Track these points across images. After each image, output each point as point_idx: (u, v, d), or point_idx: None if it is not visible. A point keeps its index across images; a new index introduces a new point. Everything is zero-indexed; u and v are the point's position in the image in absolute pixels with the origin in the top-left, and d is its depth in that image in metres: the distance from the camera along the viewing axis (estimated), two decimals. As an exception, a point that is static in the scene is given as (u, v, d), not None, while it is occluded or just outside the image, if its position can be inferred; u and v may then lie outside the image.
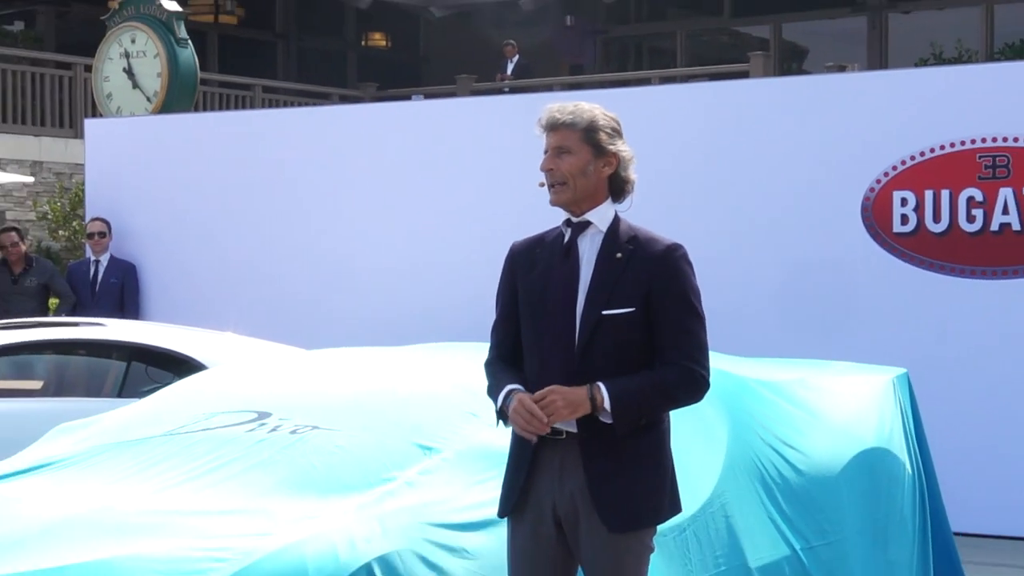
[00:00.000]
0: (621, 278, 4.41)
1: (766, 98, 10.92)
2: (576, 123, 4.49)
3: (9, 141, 21.59)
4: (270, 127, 13.15)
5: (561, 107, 4.53)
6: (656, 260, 4.45)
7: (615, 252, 4.45)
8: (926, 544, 7.34)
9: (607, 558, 4.38)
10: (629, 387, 4.33)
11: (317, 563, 4.63)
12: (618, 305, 4.38)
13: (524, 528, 4.50)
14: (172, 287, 13.02)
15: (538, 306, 4.46)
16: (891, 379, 7.50)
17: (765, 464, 6.47)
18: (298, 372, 6.73)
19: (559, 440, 4.42)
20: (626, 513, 4.39)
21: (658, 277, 4.43)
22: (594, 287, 4.42)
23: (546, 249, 4.55)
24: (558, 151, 4.48)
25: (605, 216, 4.53)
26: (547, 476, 4.45)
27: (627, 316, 4.37)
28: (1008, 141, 9.86)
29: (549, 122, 4.51)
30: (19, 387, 9.93)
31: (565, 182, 4.48)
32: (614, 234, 4.49)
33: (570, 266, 4.47)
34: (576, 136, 4.49)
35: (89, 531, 4.90)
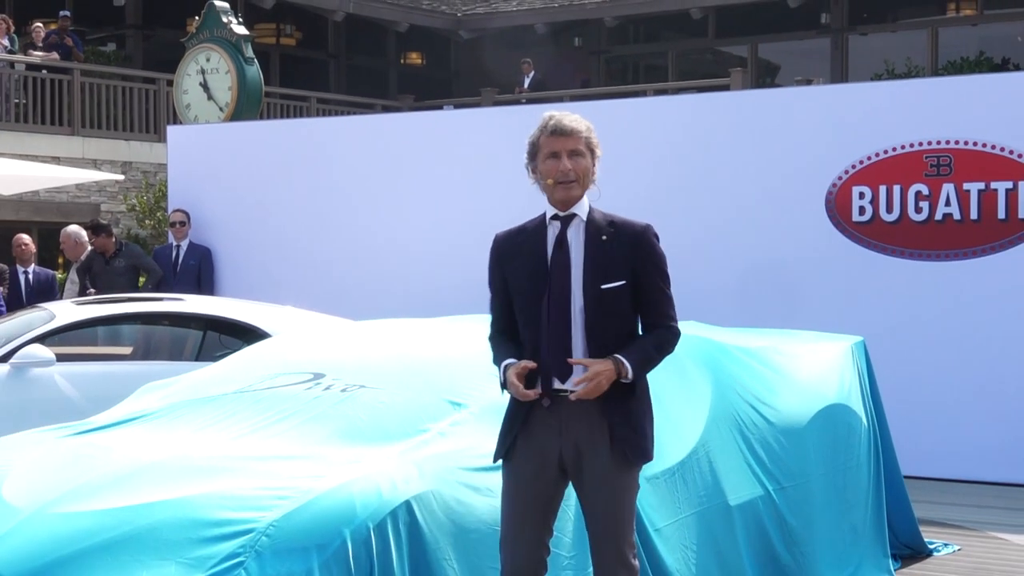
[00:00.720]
0: (610, 257, 4.45)
1: (744, 108, 10.89)
2: (582, 131, 4.52)
3: (103, 145, 21.62)
4: (324, 132, 13.15)
5: (567, 117, 4.54)
6: (636, 239, 4.49)
7: (601, 236, 4.48)
8: (880, 486, 7.33)
9: (613, 493, 4.44)
10: (640, 356, 4.43)
11: (363, 500, 4.64)
12: (612, 280, 4.43)
13: (525, 471, 4.49)
14: (241, 268, 13.03)
15: (535, 290, 4.46)
16: (850, 346, 7.49)
17: (742, 417, 6.47)
18: (348, 339, 6.74)
19: (564, 394, 4.44)
20: (639, 448, 4.48)
21: (639, 253, 4.47)
22: (589, 267, 4.44)
23: (530, 238, 4.55)
24: (573, 154, 4.49)
25: (584, 207, 4.55)
26: (549, 428, 4.46)
27: (620, 288, 4.43)
28: (950, 144, 9.83)
29: (561, 129, 4.50)
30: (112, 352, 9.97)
31: (577, 180, 4.49)
32: (594, 221, 4.52)
33: (564, 254, 4.48)
34: (583, 143, 4.52)
35: (171, 473, 4.91)
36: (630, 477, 4.48)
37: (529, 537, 4.49)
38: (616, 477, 4.44)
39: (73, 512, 4.65)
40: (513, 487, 4.52)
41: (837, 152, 10.22)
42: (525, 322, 4.51)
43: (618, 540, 4.46)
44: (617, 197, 11.42)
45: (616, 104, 11.71)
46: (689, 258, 10.74)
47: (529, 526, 4.49)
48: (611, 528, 4.45)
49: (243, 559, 4.39)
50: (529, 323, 4.49)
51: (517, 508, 4.51)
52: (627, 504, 4.48)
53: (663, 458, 5.86)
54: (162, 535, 4.49)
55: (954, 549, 7.69)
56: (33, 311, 9.74)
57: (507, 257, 4.56)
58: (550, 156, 4.50)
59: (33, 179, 16.47)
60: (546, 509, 4.53)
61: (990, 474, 9.66)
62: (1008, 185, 9.65)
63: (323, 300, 11.39)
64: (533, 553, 4.49)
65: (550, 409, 4.46)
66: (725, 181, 10.68)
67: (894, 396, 8.96)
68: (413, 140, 12.17)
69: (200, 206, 13.20)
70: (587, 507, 4.50)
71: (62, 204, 21.03)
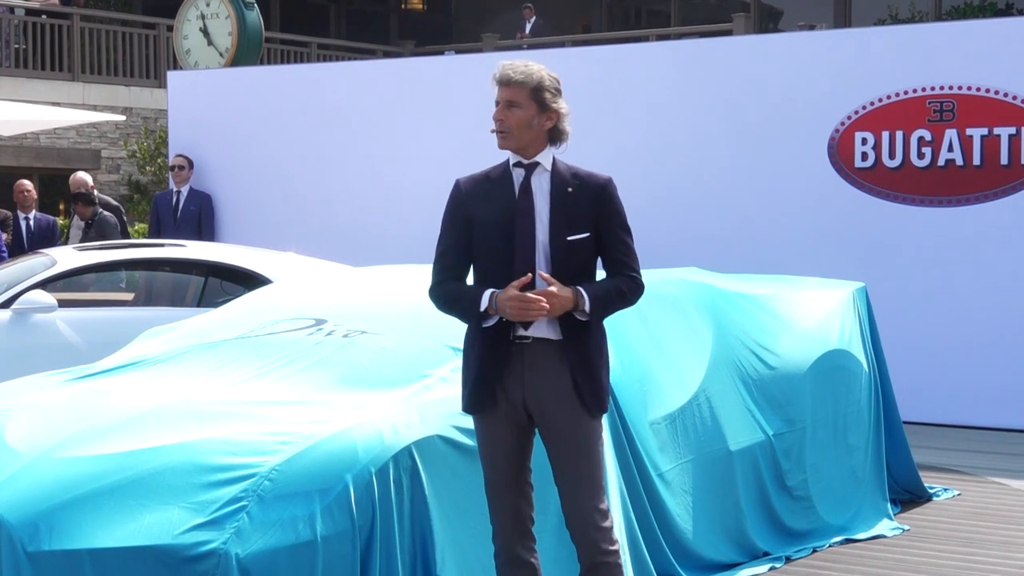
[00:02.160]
0: (575, 209, 4.43)
1: (746, 53, 10.84)
2: (526, 82, 4.44)
3: (103, 90, 21.55)
4: (324, 78, 13.10)
5: (514, 65, 4.49)
6: (596, 190, 4.46)
7: (566, 187, 4.45)
8: (880, 431, 7.35)
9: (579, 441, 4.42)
10: (599, 292, 4.41)
11: (365, 445, 4.66)
12: (576, 231, 4.42)
13: (497, 423, 4.48)
14: (242, 214, 13.02)
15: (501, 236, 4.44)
16: (851, 291, 7.49)
17: (743, 364, 6.48)
18: (349, 285, 6.74)
19: (525, 343, 4.41)
20: (599, 398, 4.46)
21: (601, 206, 4.45)
22: (555, 217, 4.42)
23: (495, 185, 4.52)
24: (508, 105, 4.45)
25: (548, 158, 4.51)
26: (514, 375, 4.44)
27: (583, 240, 4.41)
28: (953, 89, 9.79)
29: (502, 78, 4.48)
30: (114, 298, 9.98)
31: (511, 132, 4.46)
32: (559, 173, 4.48)
33: (529, 201, 4.45)
34: (525, 93, 4.44)
35: (174, 418, 4.93)
36: (592, 426, 4.45)
37: (509, 491, 4.49)
38: (579, 425, 4.42)
39: (76, 457, 4.67)
40: (486, 436, 4.52)
41: (840, 98, 10.19)
42: (488, 265, 4.48)
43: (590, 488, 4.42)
44: (618, 142, 11.39)
45: (618, 49, 11.64)
46: (691, 204, 10.74)
47: (506, 480, 4.49)
48: (581, 477, 4.41)
49: (246, 503, 4.42)
50: (493, 266, 4.46)
51: (493, 456, 4.51)
52: (592, 451, 4.44)
53: (664, 403, 5.89)
54: (165, 479, 4.51)
55: (954, 494, 7.73)
56: (35, 257, 9.74)
57: (473, 199, 4.52)
58: (496, 104, 4.52)
59: (33, 122, 16.44)
60: (520, 455, 4.51)
61: (990, 419, 9.69)
62: (1011, 131, 9.62)
63: (324, 246, 11.40)
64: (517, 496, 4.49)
65: (512, 358, 4.44)
66: (727, 127, 10.65)
67: (895, 342, 8.98)
68: (414, 86, 12.13)
69: (201, 152, 13.18)
70: (552, 456, 4.48)
71: (63, 150, 20.99)
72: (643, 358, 5.91)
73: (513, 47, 22.89)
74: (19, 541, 4.37)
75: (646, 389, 5.80)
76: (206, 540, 4.32)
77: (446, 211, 4.60)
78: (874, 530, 6.86)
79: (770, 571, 6.17)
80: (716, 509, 6.13)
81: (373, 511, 4.52)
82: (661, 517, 5.74)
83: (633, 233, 4.55)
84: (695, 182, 10.71)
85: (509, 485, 4.50)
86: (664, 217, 10.79)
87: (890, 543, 6.71)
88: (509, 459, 4.49)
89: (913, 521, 7.11)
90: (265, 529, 4.38)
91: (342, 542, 4.45)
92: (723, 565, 6.10)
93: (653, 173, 10.89)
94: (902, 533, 6.89)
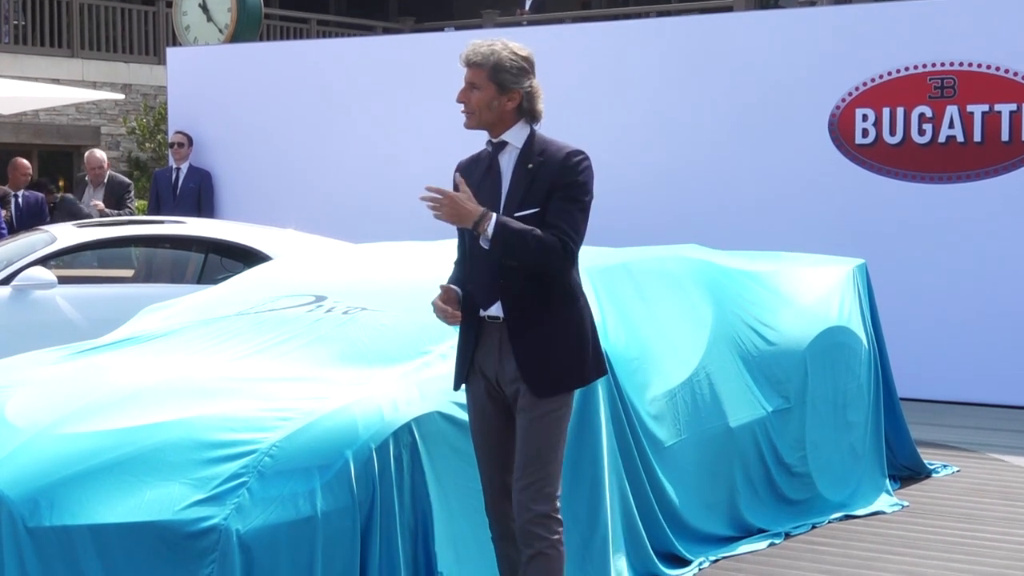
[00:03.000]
0: (532, 185, 4.36)
1: (747, 29, 10.81)
2: (483, 64, 4.38)
3: (103, 67, 21.51)
4: (324, 54, 13.08)
5: (476, 47, 4.42)
6: (556, 164, 4.36)
7: (527, 163, 4.39)
8: (879, 407, 7.36)
9: (530, 420, 4.34)
10: (513, 226, 4.26)
11: (366, 422, 4.66)
12: (528, 207, 4.34)
13: (474, 400, 4.49)
14: (242, 190, 13.01)
15: None
16: (851, 268, 7.49)
17: (743, 340, 6.49)
18: (349, 262, 6.74)
19: (496, 323, 4.41)
20: (548, 380, 4.35)
21: (557, 177, 4.35)
22: (510, 194, 4.39)
23: (478, 165, 4.52)
24: (470, 86, 4.41)
25: (519, 136, 4.43)
26: (490, 353, 4.43)
27: (533, 215, 4.32)
28: (954, 65, 9.77)
29: (464, 60, 4.43)
30: (114, 275, 9.98)
31: (473, 112, 4.42)
32: (528, 149, 4.42)
33: (492, 179, 4.44)
34: (483, 74, 4.38)
35: (174, 394, 4.93)
36: (545, 406, 4.34)
37: (492, 465, 4.49)
38: (530, 405, 4.35)
39: (76, 433, 4.67)
40: (471, 412, 4.54)
41: (840, 74, 10.17)
42: (463, 248, 4.50)
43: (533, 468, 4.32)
44: (618, 119, 11.39)
45: (618, 25, 11.61)
46: (691, 181, 10.73)
47: (488, 454, 4.49)
48: (527, 455, 4.34)
49: (246, 479, 4.42)
50: (464, 249, 4.49)
51: (476, 432, 4.52)
52: (540, 432, 4.33)
53: (664, 380, 5.89)
54: (165, 456, 4.51)
55: (953, 470, 7.74)
56: (34, 233, 9.73)
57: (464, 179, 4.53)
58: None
59: (32, 99, 16.41)
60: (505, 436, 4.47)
61: (989, 396, 9.70)
62: (1012, 107, 9.61)
63: (324, 223, 11.39)
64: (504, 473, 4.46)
65: (483, 337, 4.43)
66: (728, 103, 10.63)
67: (894, 319, 8.99)
68: (414, 62, 12.11)
69: (200, 128, 13.16)
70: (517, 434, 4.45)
71: (62, 127, 20.95)
72: (643, 334, 5.91)
73: (513, 23, 22.83)
74: (19, 517, 4.39)
75: (646, 366, 5.80)
76: (207, 516, 4.33)
77: None
78: (873, 506, 6.88)
79: (769, 547, 6.19)
80: (715, 485, 6.15)
81: (373, 487, 4.52)
82: (660, 493, 5.75)
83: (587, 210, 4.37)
84: (695, 159, 10.70)
85: (495, 461, 4.48)
86: (664, 194, 10.79)
87: (889, 519, 6.73)
88: (493, 435, 4.48)
89: (912, 497, 7.12)
90: (266, 505, 4.39)
91: (342, 518, 4.46)
92: (722, 541, 6.12)
93: (653, 150, 10.88)
94: (901, 509, 6.90)
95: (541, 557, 4.31)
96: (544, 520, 4.32)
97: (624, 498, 5.53)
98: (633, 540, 5.53)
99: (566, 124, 5.03)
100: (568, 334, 4.39)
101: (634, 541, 5.54)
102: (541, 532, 4.31)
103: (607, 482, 5.37)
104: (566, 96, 10.48)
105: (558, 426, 4.38)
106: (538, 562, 4.31)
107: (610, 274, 6.06)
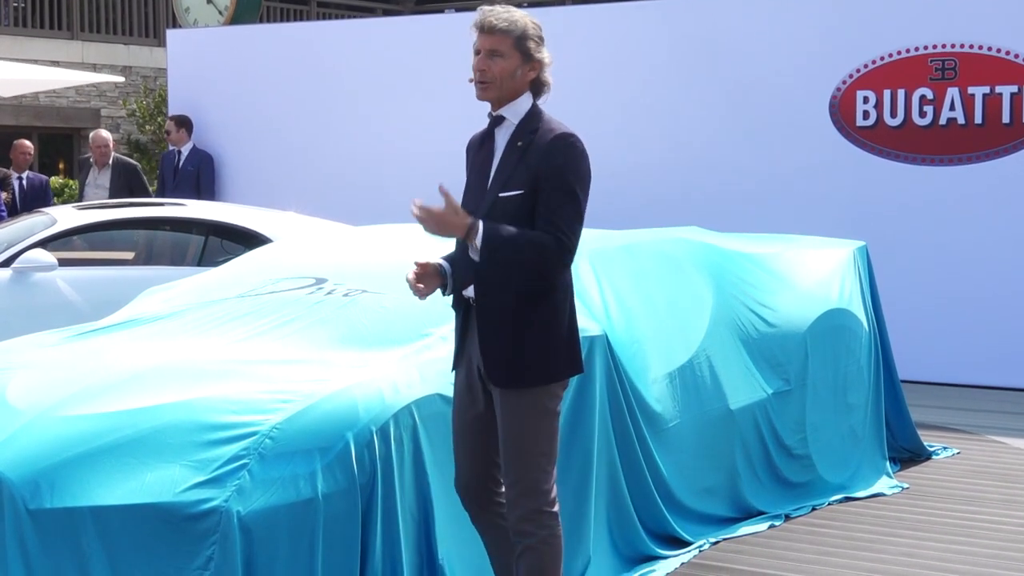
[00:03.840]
0: (519, 164, 4.19)
1: (747, 10, 10.78)
2: (511, 30, 4.23)
3: (103, 49, 21.47)
4: (324, 37, 13.06)
5: (497, 13, 4.26)
6: (545, 146, 4.18)
7: (517, 141, 4.23)
8: (879, 389, 7.37)
9: (504, 412, 4.22)
10: (503, 232, 4.05)
11: (366, 404, 4.66)
12: (512, 188, 4.17)
13: (461, 380, 4.39)
14: (242, 173, 13.01)
15: (465, 190, 4.36)
16: (852, 250, 7.48)
17: (743, 322, 6.48)
18: (349, 244, 6.73)
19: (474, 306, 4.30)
20: (511, 371, 4.18)
21: (544, 161, 4.16)
22: (498, 172, 4.25)
23: (484, 140, 4.41)
24: (491, 54, 4.24)
25: (519, 111, 4.27)
26: (471, 338, 4.33)
27: (517, 197, 4.15)
28: (955, 47, 9.75)
29: (485, 25, 4.25)
30: (114, 257, 9.97)
31: (492, 82, 4.24)
32: (523, 126, 4.24)
33: (485, 154, 4.33)
34: (509, 42, 4.23)
35: (174, 377, 4.93)
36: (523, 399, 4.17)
37: (469, 449, 4.38)
38: (505, 396, 4.20)
39: (76, 415, 4.67)
40: (455, 395, 4.46)
41: (841, 56, 10.15)
42: None
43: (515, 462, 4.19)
44: (616, 102, 11.36)
45: (618, 7, 11.59)
46: (691, 163, 10.72)
47: (467, 437, 4.38)
48: (505, 449, 4.21)
49: (246, 461, 4.42)
50: None
51: (456, 420, 4.44)
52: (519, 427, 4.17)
53: (664, 362, 5.89)
54: (166, 438, 4.51)
55: (953, 452, 7.75)
56: (35, 216, 9.73)
57: (469, 155, 4.47)
58: (475, 53, 4.30)
59: (32, 81, 16.40)
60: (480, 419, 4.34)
61: (989, 378, 9.71)
62: (1013, 89, 9.60)
63: (324, 205, 11.38)
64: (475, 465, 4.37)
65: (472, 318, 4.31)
66: (728, 85, 10.61)
67: (895, 301, 8.98)
68: (414, 44, 12.09)
69: (200, 111, 13.15)
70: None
71: (62, 109, 20.93)
72: (643, 317, 5.91)
73: (513, 4, 22.76)
74: (20, 499, 4.39)
75: (645, 348, 5.80)
76: (207, 498, 4.33)
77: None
78: (873, 488, 6.88)
79: (769, 528, 6.19)
80: (716, 467, 6.15)
81: (374, 469, 4.52)
82: (658, 476, 5.75)
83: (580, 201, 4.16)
84: (695, 141, 10.68)
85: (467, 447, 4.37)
86: (664, 177, 10.78)
87: (889, 501, 6.73)
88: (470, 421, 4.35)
89: (912, 479, 7.13)
90: (266, 487, 4.39)
91: (343, 500, 4.46)
92: (722, 522, 6.13)
93: (652, 133, 10.87)
94: (901, 491, 6.91)
95: (529, 552, 4.19)
96: (533, 516, 4.18)
97: (615, 482, 5.53)
98: (622, 523, 5.54)
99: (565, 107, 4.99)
100: (537, 325, 4.18)
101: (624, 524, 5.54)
102: (530, 528, 4.18)
103: (595, 467, 5.37)
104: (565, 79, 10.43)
105: (539, 420, 4.20)
106: (527, 557, 4.20)
107: (610, 257, 6.05)
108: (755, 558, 5.79)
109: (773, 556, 5.82)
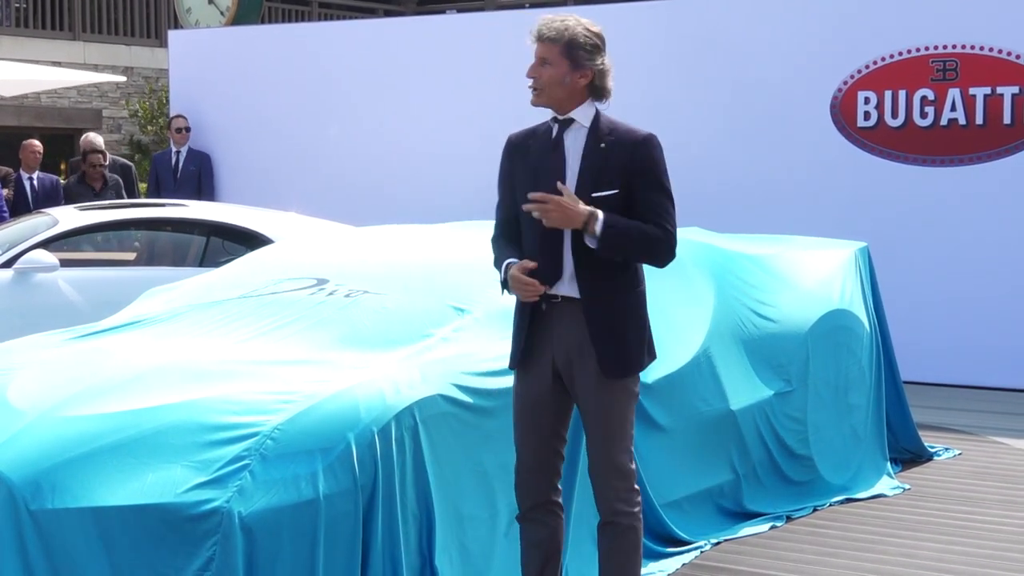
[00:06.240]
0: (605, 165, 4.37)
1: (749, 11, 10.78)
2: (557, 39, 4.40)
3: (104, 49, 21.48)
4: (325, 37, 13.07)
5: (549, 22, 4.44)
6: (633, 148, 4.39)
7: (599, 143, 4.41)
8: (880, 390, 7.37)
9: (602, 401, 4.40)
10: (620, 222, 4.30)
11: (368, 405, 4.66)
12: (604, 188, 4.34)
13: (529, 377, 4.50)
14: (243, 173, 13.01)
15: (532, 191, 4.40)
16: (853, 251, 7.48)
17: (745, 323, 6.49)
18: (351, 245, 6.73)
19: (555, 304, 4.41)
20: (620, 362, 4.40)
21: (635, 162, 4.38)
22: (583, 174, 4.38)
23: (538, 140, 4.51)
24: (541, 62, 4.42)
25: (587, 114, 4.47)
26: (546, 334, 4.44)
27: (612, 197, 4.34)
28: (957, 48, 9.75)
29: (536, 34, 4.44)
30: (116, 258, 9.98)
31: (542, 88, 4.43)
32: (596, 129, 4.45)
33: (558, 157, 4.43)
34: (556, 50, 4.40)
35: (176, 377, 4.93)
36: (618, 387, 4.42)
37: (535, 442, 4.49)
38: (604, 386, 4.40)
39: (78, 415, 4.67)
40: (519, 393, 4.54)
41: (842, 57, 10.15)
42: (524, 224, 4.49)
43: (609, 447, 4.42)
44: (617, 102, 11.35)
45: (620, 8, 11.59)
46: (692, 164, 10.70)
47: (534, 431, 4.49)
48: (601, 436, 4.42)
49: (248, 462, 4.43)
50: (526, 225, 4.47)
51: (522, 414, 4.52)
52: (617, 413, 4.42)
53: (665, 363, 5.89)
54: (167, 438, 4.51)
55: (955, 453, 7.74)
56: (37, 216, 9.73)
57: (517, 157, 4.54)
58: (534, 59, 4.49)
59: (33, 82, 16.40)
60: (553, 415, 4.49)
61: (991, 379, 9.71)
62: (1014, 90, 9.60)
63: (326, 206, 11.39)
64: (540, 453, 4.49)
65: (544, 316, 4.45)
66: (729, 86, 10.61)
67: (896, 302, 8.98)
68: (416, 45, 12.09)
69: (202, 111, 13.16)
70: (581, 415, 4.51)
71: (64, 110, 20.93)
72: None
73: (515, 5, 22.78)
74: (22, 499, 4.39)
75: (647, 348, 5.79)
76: (209, 499, 4.33)
77: (500, 165, 4.62)
78: (874, 489, 6.88)
79: (771, 529, 6.19)
80: (716, 468, 6.15)
81: (375, 470, 4.53)
82: (658, 474, 5.75)
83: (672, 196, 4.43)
84: (696, 142, 10.68)
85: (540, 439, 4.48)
86: (666, 177, 10.77)
87: (891, 502, 6.74)
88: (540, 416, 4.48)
89: (914, 480, 7.13)
90: (268, 487, 4.39)
91: (344, 500, 4.46)
92: (723, 523, 6.12)
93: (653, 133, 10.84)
94: (903, 492, 6.91)
95: (631, 532, 4.45)
96: (627, 495, 4.43)
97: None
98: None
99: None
100: (636, 317, 4.45)
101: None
102: (624, 507, 4.42)
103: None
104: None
105: (631, 405, 4.46)
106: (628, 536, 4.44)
107: (612, 257, 6.04)
108: (756, 559, 5.79)
109: (774, 557, 5.82)
